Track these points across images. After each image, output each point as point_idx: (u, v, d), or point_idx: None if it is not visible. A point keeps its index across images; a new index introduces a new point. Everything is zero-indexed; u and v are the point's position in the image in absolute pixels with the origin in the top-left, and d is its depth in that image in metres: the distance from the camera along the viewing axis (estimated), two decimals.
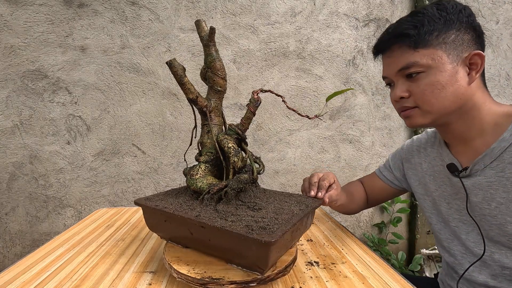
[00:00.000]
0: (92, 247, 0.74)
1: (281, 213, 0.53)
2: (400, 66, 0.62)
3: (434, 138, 0.77)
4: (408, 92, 0.63)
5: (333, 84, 1.67)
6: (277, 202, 0.59)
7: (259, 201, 0.58)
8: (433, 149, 0.76)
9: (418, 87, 0.61)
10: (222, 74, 0.63)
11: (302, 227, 0.58)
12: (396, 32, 0.62)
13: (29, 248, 1.55)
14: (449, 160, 0.69)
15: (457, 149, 0.68)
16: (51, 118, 1.50)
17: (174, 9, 1.53)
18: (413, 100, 0.63)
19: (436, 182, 0.74)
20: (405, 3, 1.68)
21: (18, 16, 1.43)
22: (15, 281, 0.58)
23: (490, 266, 0.64)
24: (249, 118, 0.62)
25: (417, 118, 0.64)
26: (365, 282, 0.57)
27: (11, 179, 1.50)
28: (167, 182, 1.61)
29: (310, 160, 1.70)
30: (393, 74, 0.65)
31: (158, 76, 1.55)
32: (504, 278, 0.62)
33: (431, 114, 0.62)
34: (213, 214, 0.53)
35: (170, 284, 0.56)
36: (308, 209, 0.56)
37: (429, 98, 0.61)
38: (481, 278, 0.65)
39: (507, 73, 1.72)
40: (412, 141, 0.85)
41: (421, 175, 0.78)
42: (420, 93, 0.61)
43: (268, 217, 0.51)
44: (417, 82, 0.61)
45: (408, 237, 1.81)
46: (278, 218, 0.51)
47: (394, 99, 0.66)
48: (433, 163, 0.75)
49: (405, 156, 0.84)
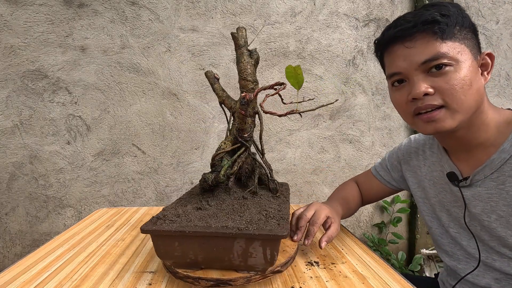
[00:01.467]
0: (92, 247, 0.74)
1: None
2: (425, 58, 0.54)
3: (432, 140, 0.75)
4: (432, 88, 0.55)
5: (333, 84, 1.67)
6: (229, 211, 0.57)
7: (207, 204, 0.60)
8: (432, 152, 0.74)
9: (446, 82, 0.54)
10: (243, 75, 0.64)
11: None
12: (422, 18, 0.54)
13: (29, 248, 1.55)
14: (449, 167, 0.66)
15: (457, 156, 0.66)
16: (51, 118, 1.50)
17: (174, 9, 1.53)
18: (439, 98, 0.55)
19: (436, 188, 0.72)
20: (405, 3, 1.68)
21: (18, 16, 1.43)
22: (15, 281, 0.58)
23: (493, 272, 0.63)
24: (241, 118, 0.63)
25: (445, 120, 0.55)
26: (365, 282, 0.57)
27: (11, 179, 1.50)
28: (167, 182, 1.61)
29: (310, 160, 1.70)
30: (412, 67, 0.56)
31: (158, 76, 1.55)
32: (508, 282, 0.61)
33: (460, 114, 0.55)
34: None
35: (170, 284, 0.56)
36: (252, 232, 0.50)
37: (459, 95, 0.54)
38: (484, 281, 0.64)
39: (507, 73, 1.72)
40: (410, 141, 0.81)
41: (420, 178, 0.76)
42: (450, 89, 0.54)
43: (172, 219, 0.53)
44: (444, 77, 0.54)
45: (408, 237, 1.81)
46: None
47: (415, 96, 0.56)
48: (433, 168, 0.73)
49: (403, 157, 0.81)
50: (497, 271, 0.62)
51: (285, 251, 0.61)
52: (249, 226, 0.50)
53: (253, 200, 0.62)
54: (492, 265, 0.62)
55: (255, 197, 0.64)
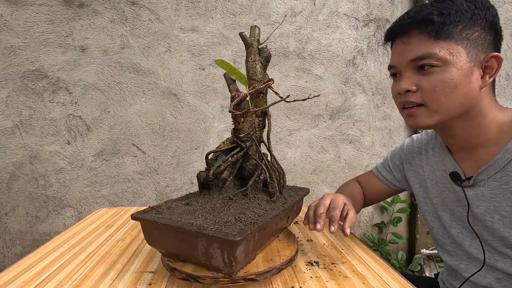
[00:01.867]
0: (92, 247, 0.74)
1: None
2: (415, 56, 0.56)
3: (435, 140, 0.74)
4: (416, 86, 0.57)
5: (333, 84, 1.67)
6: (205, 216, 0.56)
7: (195, 201, 0.61)
8: (434, 151, 0.73)
9: (429, 83, 0.55)
10: (249, 74, 0.64)
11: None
12: (419, 16, 0.55)
13: (29, 248, 1.55)
14: (452, 167, 0.66)
15: (460, 156, 0.65)
16: (51, 118, 1.50)
17: (174, 9, 1.53)
18: (420, 96, 0.57)
19: (438, 188, 0.71)
20: (405, 3, 1.68)
21: (18, 16, 1.43)
22: (15, 281, 0.58)
23: (495, 271, 0.63)
24: (234, 118, 0.63)
25: (422, 118, 0.58)
26: (365, 282, 0.57)
27: (11, 179, 1.50)
28: (167, 182, 1.61)
29: (310, 160, 1.70)
30: (404, 63, 0.58)
31: (158, 76, 1.55)
32: (510, 282, 0.61)
33: (438, 114, 0.57)
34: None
35: (170, 284, 0.56)
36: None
37: (439, 96, 0.55)
38: (486, 281, 0.64)
39: (507, 73, 1.72)
40: (412, 141, 0.81)
41: (422, 178, 0.76)
42: (430, 89, 0.55)
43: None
44: (428, 77, 0.55)
45: (408, 237, 1.81)
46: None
47: (399, 91, 0.59)
48: (435, 167, 0.72)
49: (405, 157, 0.81)
50: (499, 271, 0.62)
51: (273, 260, 0.58)
52: (211, 226, 0.49)
53: (239, 202, 0.60)
54: (494, 265, 0.62)
55: (244, 199, 0.62)
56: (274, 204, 0.61)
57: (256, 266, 0.55)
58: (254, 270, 0.54)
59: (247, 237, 0.48)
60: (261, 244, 0.59)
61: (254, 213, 0.55)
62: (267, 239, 0.62)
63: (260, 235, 0.54)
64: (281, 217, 0.64)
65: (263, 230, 0.55)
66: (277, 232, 0.67)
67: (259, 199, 0.63)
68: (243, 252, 0.49)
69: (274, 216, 0.57)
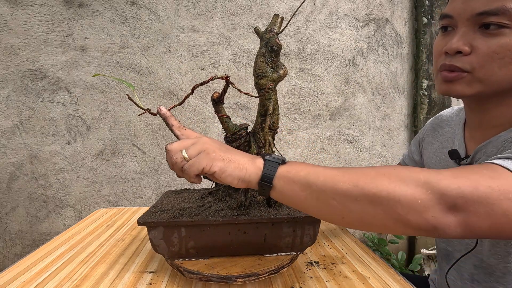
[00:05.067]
0: (92, 247, 0.74)
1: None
2: (484, 9, 0.45)
3: (456, 117, 0.68)
4: (470, 47, 0.47)
5: (333, 84, 1.67)
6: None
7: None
8: (450, 129, 0.67)
9: (489, 47, 0.45)
10: (255, 72, 0.62)
11: None
12: None
13: (29, 248, 1.55)
14: (458, 144, 0.61)
15: (473, 134, 0.58)
16: (51, 118, 1.50)
17: (174, 9, 1.53)
18: (469, 62, 0.47)
19: (441, 166, 0.67)
20: (405, 3, 1.68)
21: (18, 16, 1.43)
22: (15, 281, 0.58)
23: (475, 257, 0.58)
24: (219, 119, 0.65)
25: (460, 85, 0.49)
26: (365, 282, 0.57)
27: (11, 179, 1.50)
28: (167, 182, 1.61)
29: (310, 160, 1.70)
30: (466, 15, 0.47)
31: (158, 76, 1.55)
32: (483, 270, 0.57)
33: (481, 85, 0.48)
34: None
35: (170, 284, 0.56)
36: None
37: (492, 65, 0.46)
38: (467, 267, 0.59)
39: None
40: (432, 120, 0.74)
41: (428, 155, 0.71)
42: (487, 55, 0.46)
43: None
44: (490, 39, 0.45)
45: (408, 237, 1.81)
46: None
47: (447, 49, 0.49)
48: (444, 144, 0.67)
49: (422, 135, 0.75)
50: (476, 258, 0.58)
51: (260, 265, 0.56)
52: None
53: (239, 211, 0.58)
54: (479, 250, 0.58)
55: (242, 209, 0.58)
56: (272, 211, 0.58)
57: (256, 267, 0.55)
58: (254, 270, 0.54)
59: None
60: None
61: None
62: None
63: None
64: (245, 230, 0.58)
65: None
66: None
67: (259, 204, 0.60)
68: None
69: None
